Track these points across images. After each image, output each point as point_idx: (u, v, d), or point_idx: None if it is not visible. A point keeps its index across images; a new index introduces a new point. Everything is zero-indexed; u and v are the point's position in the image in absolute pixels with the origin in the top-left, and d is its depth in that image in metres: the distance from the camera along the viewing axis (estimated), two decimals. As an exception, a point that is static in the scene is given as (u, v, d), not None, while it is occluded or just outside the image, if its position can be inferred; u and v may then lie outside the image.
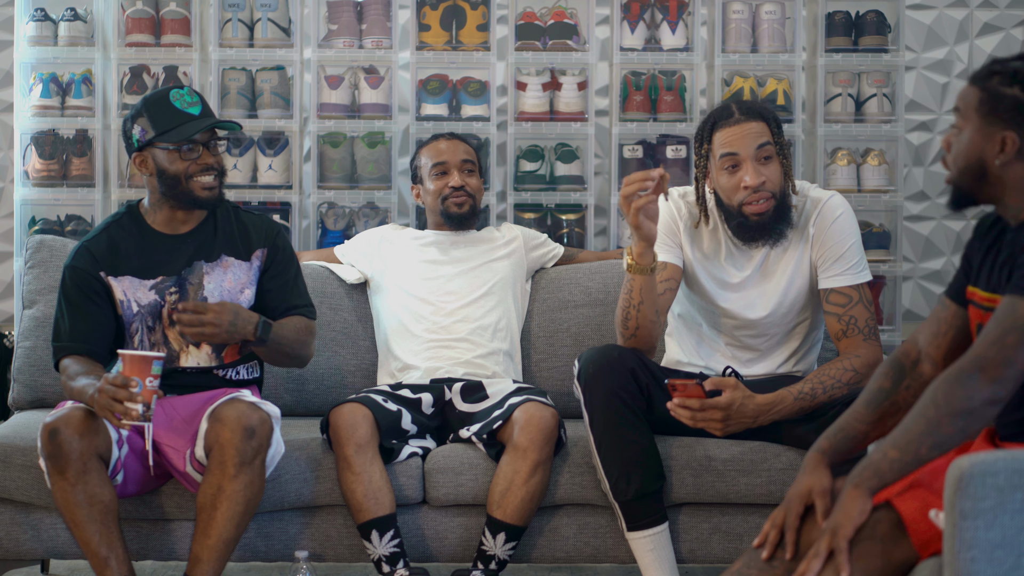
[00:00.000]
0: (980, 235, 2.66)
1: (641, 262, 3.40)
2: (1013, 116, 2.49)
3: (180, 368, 3.52)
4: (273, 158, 4.58)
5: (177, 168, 3.48)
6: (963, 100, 2.55)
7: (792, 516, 2.57)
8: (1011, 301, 2.42)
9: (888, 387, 2.69)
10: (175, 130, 3.46)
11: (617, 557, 3.59)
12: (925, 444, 2.43)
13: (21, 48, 4.60)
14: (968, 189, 2.56)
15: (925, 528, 2.40)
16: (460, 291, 3.97)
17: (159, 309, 3.52)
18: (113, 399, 3.13)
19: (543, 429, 3.49)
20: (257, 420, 3.29)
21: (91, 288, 3.51)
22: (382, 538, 3.48)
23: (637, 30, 4.61)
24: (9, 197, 4.85)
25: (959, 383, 2.42)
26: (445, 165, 4.04)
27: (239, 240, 3.59)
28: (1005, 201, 2.54)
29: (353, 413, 3.53)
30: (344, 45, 4.60)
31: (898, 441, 2.45)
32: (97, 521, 3.27)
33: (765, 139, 3.46)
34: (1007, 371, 2.40)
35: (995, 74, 2.52)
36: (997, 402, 2.42)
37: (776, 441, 3.52)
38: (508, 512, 3.48)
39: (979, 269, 2.62)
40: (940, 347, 2.70)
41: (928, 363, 2.70)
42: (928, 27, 5.04)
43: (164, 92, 3.50)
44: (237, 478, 3.27)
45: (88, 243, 3.56)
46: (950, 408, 2.41)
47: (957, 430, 2.42)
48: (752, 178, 3.45)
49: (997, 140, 2.50)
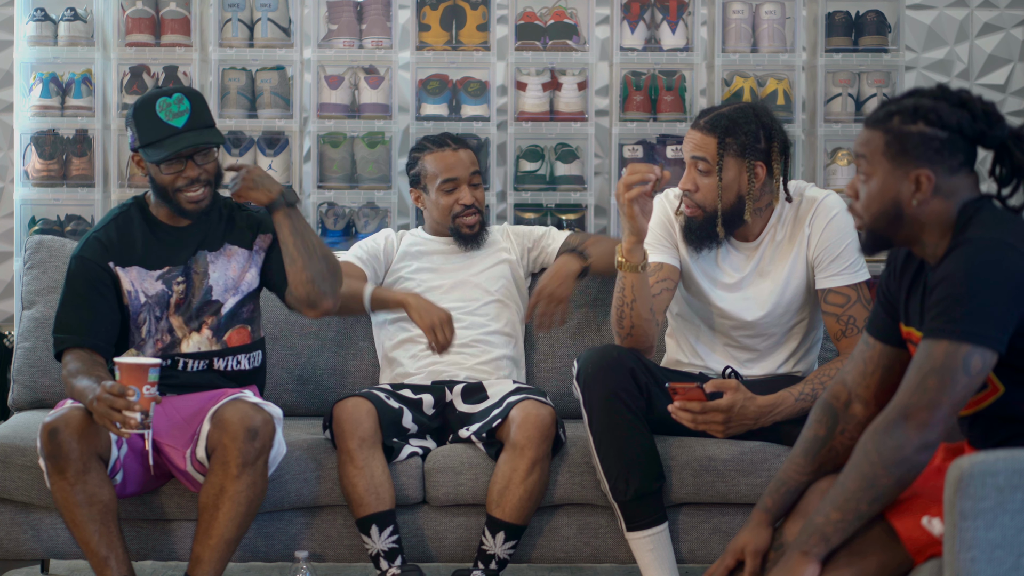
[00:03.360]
0: (895, 272, 2.62)
1: (631, 259, 3.40)
2: (923, 152, 2.45)
3: (181, 359, 3.51)
4: (273, 158, 4.59)
5: (163, 180, 3.45)
6: (866, 145, 2.50)
7: (722, 569, 2.61)
8: (927, 345, 2.39)
9: (823, 434, 2.68)
10: (154, 146, 3.42)
11: (617, 557, 3.59)
12: (864, 500, 2.42)
13: (21, 48, 4.60)
14: (883, 233, 2.52)
15: (919, 535, 2.41)
16: (462, 301, 3.94)
17: (167, 299, 3.51)
18: (111, 408, 3.13)
19: (540, 427, 3.49)
20: (260, 421, 3.29)
21: (99, 279, 3.50)
22: (381, 533, 3.48)
23: (637, 30, 4.62)
24: (9, 197, 4.86)
25: (888, 434, 2.40)
26: (456, 182, 3.94)
27: (243, 227, 3.58)
28: (923, 240, 2.50)
29: (357, 408, 3.53)
30: (344, 45, 4.60)
31: (837, 501, 2.44)
32: (97, 521, 3.27)
33: (701, 153, 3.47)
34: (934, 415, 2.37)
35: (894, 114, 2.48)
36: (929, 447, 2.39)
37: (776, 441, 3.52)
38: (507, 511, 3.48)
39: (907, 308, 2.58)
40: (869, 387, 2.66)
41: (859, 404, 2.67)
42: (928, 27, 5.04)
43: (151, 99, 3.44)
44: (240, 479, 3.27)
45: (97, 233, 3.54)
46: (883, 460, 2.40)
47: (894, 480, 2.40)
48: (683, 182, 3.51)
49: (911, 179, 2.47)
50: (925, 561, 2.39)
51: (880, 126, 2.49)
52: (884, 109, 2.50)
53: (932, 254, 2.50)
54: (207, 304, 3.52)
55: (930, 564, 2.36)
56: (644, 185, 3.34)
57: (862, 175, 2.52)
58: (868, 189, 2.51)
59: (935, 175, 2.46)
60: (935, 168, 2.46)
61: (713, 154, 3.45)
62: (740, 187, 3.48)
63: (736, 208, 3.49)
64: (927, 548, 2.40)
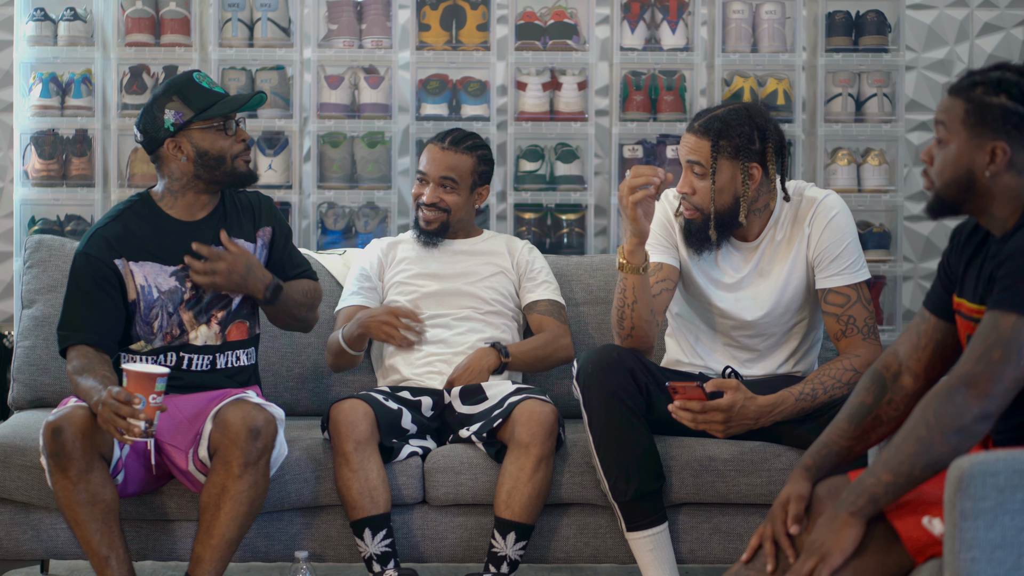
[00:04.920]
0: (958, 245, 2.64)
1: (632, 260, 3.40)
2: (1002, 125, 2.47)
3: (187, 355, 3.51)
4: (273, 158, 4.58)
5: (221, 146, 3.48)
6: (946, 112, 2.53)
7: (779, 524, 2.58)
8: (993, 316, 2.41)
9: (870, 402, 2.68)
10: (215, 106, 3.47)
11: (617, 557, 3.59)
12: (918, 465, 2.42)
13: (21, 48, 4.60)
14: (953, 200, 2.54)
15: (919, 535, 2.41)
16: (460, 307, 3.94)
17: (180, 295, 3.51)
18: (115, 414, 3.13)
19: (544, 424, 3.49)
20: (262, 421, 3.29)
21: (103, 276, 3.49)
22: (374, 537, 3.48)
23: (637, 30, 4.61)
24: (9, 197, 4.85)
25: (948, 401, 2.41)
26: (425, 176, 3.98)
27: (247, 221, 3.61)
28: (991, 212, 2.53)
29: (354, 410, 3.52)
30: (344, 45, 4.60)
31: (890, 463, 2.44)
32: (98, 520, 3.27)
33: (696, 157, 3.47)
34: (995, 387, 2.39)
35: (978, 84, 2.50)
36: (988, 417, 2.40)
37: (776, 441, 3.52)
38: (516, 511, 3.48)
39: (963, 280, 2.60)
40: (921, 360, 2.68)
41: (909, 376, 2.68)
42: (928, 27, 5.04)
43: (187, 76, 3.51)
44: (241, 478, 3.27)
45: (101, 229, 3.53)
46: (942, 426, 2.40)
47: (951, 448, 2.40)
48: (680, 185, 3.51)
49: (987, 150, 2.49)
50: (925, 561, 2.39)
51: (962, 95, 2.51)
52: (969, 79, 2.53)
53: (999, 227, 2.52)
54: (217, 298, 3.54)
55: (930, 564, 2.36)
56: (648, 188, 3.34)
57: (939, 141, 2.54)
58: (943, 155, 2.53)
59: (1011, 149, 2.48)
60: (1012, 142, 2.48)
61: (707, 157, 3.45)
62: (735, 189, 3.47)
63: (732, 210, 3.49)
64: (927, 548, 2.40)
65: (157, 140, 3.49)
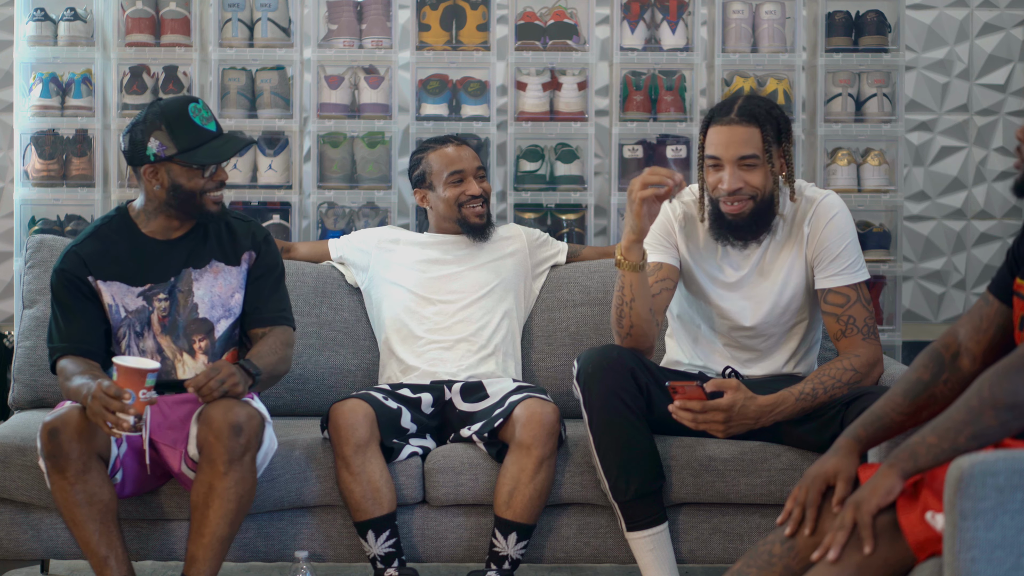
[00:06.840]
0: None
1: (629, 258, 3.40)
2: None
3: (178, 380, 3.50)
4: (273, 158, 4.58)
5: (194, 185, 3.46)
6: None
7: (814, 493, 2.56)
8: None
9: (927, 379, 2.68)
10: (200, 150, 3.43)
11: (617, 557, 3.59)
12: (964, 433, 2.41)
13: (21, 48, 4.60)
14: None
15: (921, 530, 2.40)
16: (463, 291, 3.97)
17: (148, 316, 3.51)
18: (104, 408, 3.14)
19: (545, 424, 3.49)
20: (244, 416, 3.28)
21: (80, 291, 3.50)
22: (378, 538, 3.49)
23: (637, 30, 4.61)
24: (9, 197, 4.85)
25: (1007, 377, 2.40)
26: (462, 173, 4.02)
27: (228, 244, 3.57)
28: None
29: (354, 412, 3.52)
30: (344, 45, 4.60)
31: (938, 428, 2.43)
32: (97, 520, 3.27)
33: (751, 150, 3.44)
34: None
35: None
36: None
37: (776, 441, 3.52)
38: (517, 511, 3.49)
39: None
40: (980, 343, 2.67)
41: (967, 358, 2.68)
42: (928, 27, 5.04)
43: (182, 106, 3.46)
44: (227, 475, 3.27)
45: (76, 247, 3.54)
46: (995, 400, 2.39)
47: (1000, 423, 2.40)
48: (729, 183, 3.45)
49: None
50: (927, 559, 2.39)
51: None
52: None
53: None
54: (194, 322, 3.52)
55: (931, 563, 2.36)
56: (660, 188, 3.33)
57: None
58: None
59: None
60: None
61: (759, 146, 3.45)
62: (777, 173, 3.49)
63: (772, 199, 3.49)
64: (929, 544, 2.39)
65: (137, 159, 3.48)
